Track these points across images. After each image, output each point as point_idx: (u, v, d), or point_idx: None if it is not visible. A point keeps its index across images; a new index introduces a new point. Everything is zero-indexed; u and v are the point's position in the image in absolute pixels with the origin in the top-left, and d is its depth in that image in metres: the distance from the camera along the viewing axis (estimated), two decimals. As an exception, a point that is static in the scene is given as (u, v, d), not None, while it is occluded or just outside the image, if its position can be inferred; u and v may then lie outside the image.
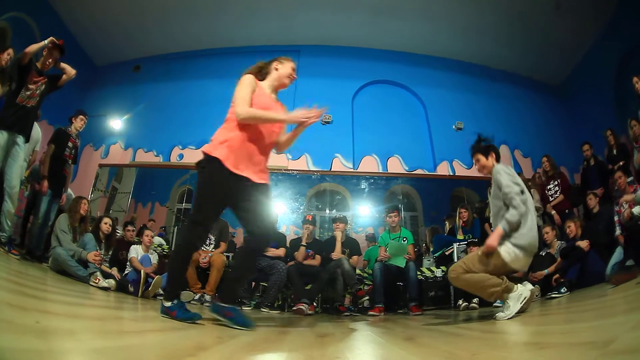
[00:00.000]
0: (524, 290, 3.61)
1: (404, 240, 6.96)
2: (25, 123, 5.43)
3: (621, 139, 7.79)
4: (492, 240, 3.75)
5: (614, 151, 7.66)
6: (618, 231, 5.76)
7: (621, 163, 7.20)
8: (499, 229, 3.76)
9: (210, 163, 3.13)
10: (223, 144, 3.17)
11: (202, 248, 6.60)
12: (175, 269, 3.26)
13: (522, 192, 3.89)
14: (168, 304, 3.03)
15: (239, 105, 3.23)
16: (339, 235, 7.02)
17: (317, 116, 3.36)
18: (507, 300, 3.60)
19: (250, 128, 3.26)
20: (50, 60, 5.63)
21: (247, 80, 3.40)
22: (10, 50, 5.63)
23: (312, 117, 3.34)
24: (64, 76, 5.84)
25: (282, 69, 3.62)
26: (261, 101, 3.39)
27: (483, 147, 4.33)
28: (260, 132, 3.33)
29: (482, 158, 4.28)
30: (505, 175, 3.95)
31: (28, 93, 5.37)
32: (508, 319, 3.47)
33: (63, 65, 5.81)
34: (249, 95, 3.32)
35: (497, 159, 4.28)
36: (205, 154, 3.18)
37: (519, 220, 3.75)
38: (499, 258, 3.72)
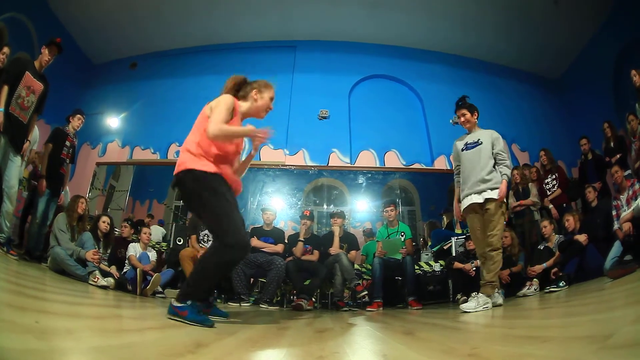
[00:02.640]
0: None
1: (401, 235, 6.96)
2: (17, 138, 5.34)
3: (619, 132, 7.79)
4: (503, 189, 4.61)
5: (612, 144, 7.66)
6: (616, 225, 5.77)
7: (618, 156, 7.19)
8: (505, 181, 4.64)
9: (209, 176, 3.04)
10: (209, 158, 3.10)
11: (202, 246, 6.61)
12: (205, 279, 3.08)
13: None
14: (179, 304, 2.88)
15: (213, 123, 3.08)
16: (336, 230, 7.02)
17: (264, 134, 3.24)
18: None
19: (223, 146, 3.18)
20: (48, 58, 5.61)
21: (229, 103, 3.26)
22: (5, 49, 5.58)
23: (262, 134, 3.22)
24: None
25: (261, 100, 3.49)
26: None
27: (469, 104, 5.03)
28: (230, 151, 3.26)
29: (467, 113, 5.00)
30: (503, 142, 4.93)
31: (19, 101, 5.27)
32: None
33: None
34: (226, 118, 3.17)
35: (478, 118, 5.08)
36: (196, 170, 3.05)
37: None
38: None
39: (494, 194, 4.60)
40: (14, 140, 5.24)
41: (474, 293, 4.57)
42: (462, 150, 5.00)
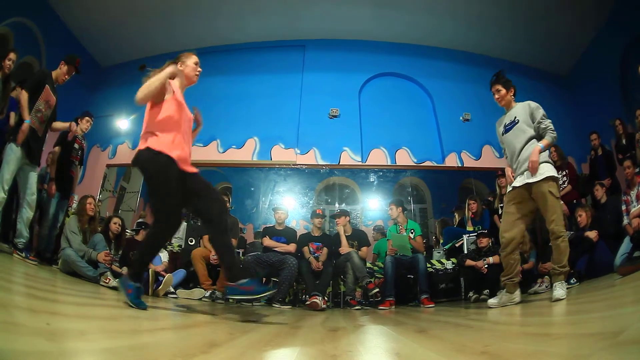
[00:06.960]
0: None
1: (411, 232, 6.95)
2: (36, 153, 5.42)
3: (629, 128, 7.73)
4: (535, 156, 4.23)
5: (623, 141, 7.59)
6: (626, 221, 5.73)
7: (629, 154, 7.13)
8: (538, 148, 4.27)
9: (156, 156, 3.33)
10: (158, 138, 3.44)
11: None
12: (147, 256, 3.64)
13: None
14: (130, 282, 3.29)
15: (139, 90, 3.44)
16: (341, 230, 7.06)
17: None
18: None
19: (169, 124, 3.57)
20: (66, 76, 5.65)
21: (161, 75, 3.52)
22: (11, 55, 5.59)
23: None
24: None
25: (186, 67, 3.84)
26: (179, 96, 3.70)
27: (505, 79, 4.77)
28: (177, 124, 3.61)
29: (502, 89, 4.74)
30: (542, 110, 4.56)
31: (39, 115, 5.34)
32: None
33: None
34: (154, 85, 3.44)
35: (515, 95, 4.82)
36: (147, 148, 3.38)
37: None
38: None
39: (539, 174, 4.26)
40: (33, 153, 5.32)
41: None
42: (503, 134, 4.71)
